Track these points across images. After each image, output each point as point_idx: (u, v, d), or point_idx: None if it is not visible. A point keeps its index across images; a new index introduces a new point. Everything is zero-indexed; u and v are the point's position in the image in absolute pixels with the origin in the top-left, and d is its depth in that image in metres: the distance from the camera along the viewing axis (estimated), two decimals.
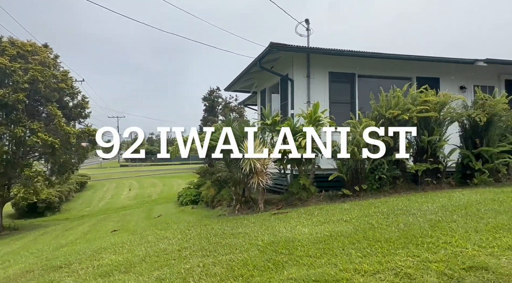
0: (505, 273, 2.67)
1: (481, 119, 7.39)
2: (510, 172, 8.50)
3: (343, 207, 6.23)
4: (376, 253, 3.38)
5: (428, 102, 7.56)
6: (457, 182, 8.15)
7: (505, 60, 9.92)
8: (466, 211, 4.79)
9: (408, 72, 10.01)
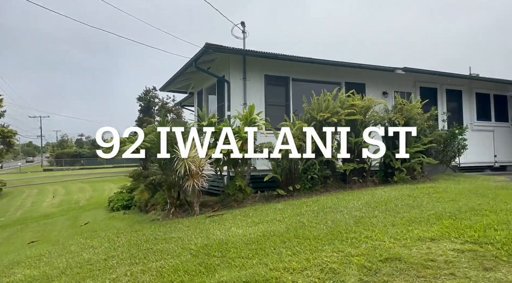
0: (414, 262, 2.95)
1: (399, 122, 8.13)
2: (424, 170, 9.49)
3: (277, 207, 6.39)
4: (305, 250, 3.52)
5: (355, 106, 8.11)
6: (380, 180, 8.85)
7: (419, 69, 11.04)
8: (386, 207, 5.22)
9: (338, 78, 10.63)
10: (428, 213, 4.48)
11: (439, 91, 12.33)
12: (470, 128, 12.75)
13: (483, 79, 12.82)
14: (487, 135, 13.22)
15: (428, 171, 10.40)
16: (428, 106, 11.34)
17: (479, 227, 3.66)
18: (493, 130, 13.34)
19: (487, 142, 13.18)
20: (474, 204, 4.80)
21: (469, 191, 6.04)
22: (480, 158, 12.88)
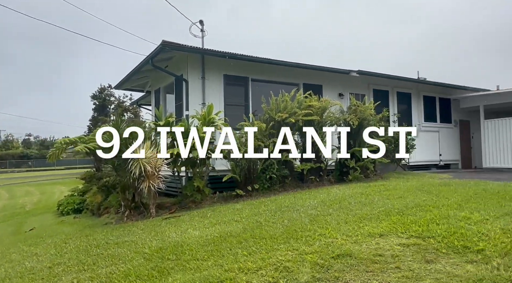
0: (364, 257, 3.07)
1: (354, 122, 8.45)
2: (377, 169, 9.95)
3: (235, 207, 6.38)
4: (261, 250, 3.53)
5: (312, 107, 8.31)
6: (336, 179, 9.14)
7: (372, 72, 11.57)
8: (340, 204, 5.40)
9: (296, 79, 10.84)
10: (378, 210, 4.69)
11: (390, 94, 13.00)
12: (418, 129, 13.58)
13: (429, 83, 13.69)
14: (433, 135, 14.15)
15: (380, 169, 10.92)
16: (380, 108, 11.91)
17: (423, 222, 3.89)
18: (438, 130, 14.31)
19: (433, 142, 14.11)
20: (420, 201, 5.10)
21: (416, 188, 6.41)
22: (427, 157, 13.76)
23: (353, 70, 10.95)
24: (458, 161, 15.02)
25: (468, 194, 5.44)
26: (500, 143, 12.83)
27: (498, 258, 2.83)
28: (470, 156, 15.52)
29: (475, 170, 13.80)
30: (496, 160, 12.94)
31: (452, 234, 3.45)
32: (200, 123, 7.66)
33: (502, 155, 12.78)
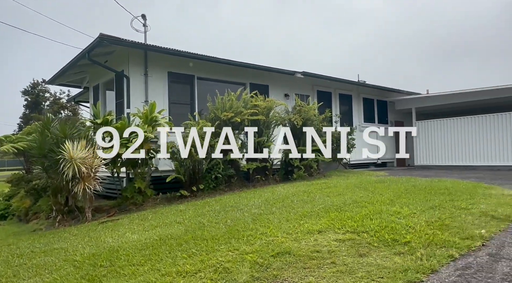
0: (302, 254, 3.13)
1: (298, 122, 8.67)
2: (320, 168, 10.32)
3: (179, 208, 6.20)
4: (201, 252, 3.45)
5: (258, 106, 8.38)
6: (281, 178, 9.32)
7: (316, 74, 11.98)
8: (283, 203, 5.49)
9: (243, 78, 10.86)
10: (318, 207, 4.85)
11: (333, 95, 13.58)
12: (358, 129, 14.34)
13: (368, 85, 14.54)
14: (371, 135, 15.03)
15: (324, 168, 11.35)
16: (323, 108, 12.39)
17: (359, 218, 4.09)
18: (376, 131, 15.23)
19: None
20: (357, 197, 5.36)
21: (355, 185, 6.74)
22: (365, 156, 14.59)
23: (298, 71, 11.25)
24: (394, 159, 16.13)
25: (400, 190, 5.84)
26: (429, 143, 14.03)
27: (422, 249, 3.05)
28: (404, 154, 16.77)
29: (408, 167, 14.93)
30: (426, 158, 14.12)
31: (384, 228, 3.66)
32: (141, 121, 7.34)
33: (431, 153, 13.98)
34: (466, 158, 12.90)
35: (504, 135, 11.97)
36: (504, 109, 12.52)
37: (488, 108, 14.26)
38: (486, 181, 7.29)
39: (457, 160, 13.15)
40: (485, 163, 12.34)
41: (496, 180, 7.72)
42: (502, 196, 5.11)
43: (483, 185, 6.32)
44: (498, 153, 12.09)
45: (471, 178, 8.17)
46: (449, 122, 13.47)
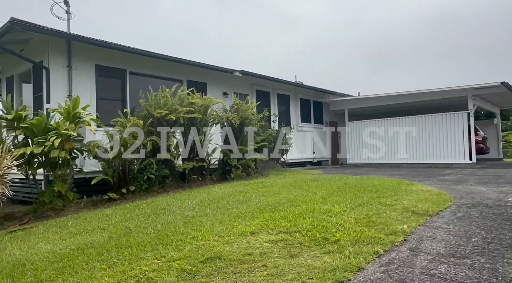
0: (233, 258, 3.00)
1: (236, 121, 8.58)
2: (258, 167, 10.35)
3: (105, 212, 5.72)
4: (123, 261, 3.16)
5: (194, 104, 8.11)
6: (219, 177, 9.15)
7: (254, 73, 12.01)
8: (218, 204, 5.33)
9: (180, 75, 10.47)
10: (253, 207, 4.77)
11: (272, 95, 13.76)
12: (295, 129, 14.74)
13: (304, 86, 14.99)
14: (308, 135, 15.55)
15: (262, 167, 11.42)
16: (262, 108, 12.50)
17: (292, 217, 4.08)
18: (312, 130, 15.80)
19: (308, 141, 15.52)
20: (292, 196, 5.40)
21: (290, 184, 6.83)
22: (303, 155, 15.05)
23: (236, 69, 11.17)
24: (328, 158, 16.88)
25: (332, 188, 6.02)
26: (360, 142, 14.91)
27: (350, 246, 3.11)
28: (337, 153, 17.63)
29: (341, 166, 15.72)
30: (357, 157, 14.98)
31: (315, 227, 3.69)
32: (62, 118, 6.65)
33: (361, 152, 14.86)
34: (392, 157, 13.94)
35: (422, 136, 13.15)
36: (424, 111, 13.77)
37: (412, 110, 15.60)
38: (408, 178, 7.88)
39: (384, 158, 14.15)
40: (408, 161, 13.44)
41: (417, 177, 8.39)
42: (421, 192, 5.52)
43: (406, 182, 6.80)
44: (418, 153, 13.24)
45: (395, 176, 8.79)
46: (377, 123, 14.44)
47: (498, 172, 9.06)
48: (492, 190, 5.69)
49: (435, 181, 7.15)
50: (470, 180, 7.20)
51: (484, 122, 17.46)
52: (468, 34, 66.75)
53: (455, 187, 6.21)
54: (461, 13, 65.70)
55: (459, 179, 7.55)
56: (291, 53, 73.98)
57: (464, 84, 12.20)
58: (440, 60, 66.52)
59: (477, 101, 12.79)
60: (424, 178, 8.03)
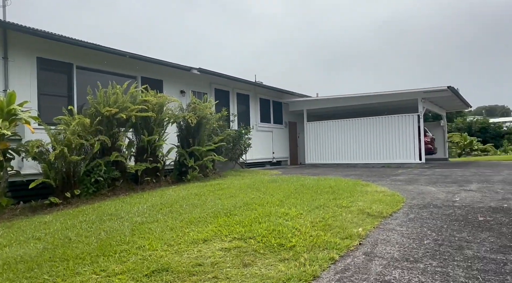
0: (182, 270, 2.77)
1: (192, 121, 8.27)
2: (216, 167, 10.10)
3: (43, 220, 5.20)
4: (56, 278, 2.80)
5: (148, 102, 7.69)
6: (175, 179, 8.78)
7: (212, 71, 11.73)
8: (171, 208, 5.03)
9: (134, 71, 9.94)
10: (208, 212, 4.55)
11: (231, 94, 13.55)
12: (255, 129, 14.65)
13: (264, 86, 14.95)
14: (267, 135, 15.53)
15: (220, 168, 11.18)
16: (221, 107, 12.25)
17: (247, 222, 3.92)
18: (272, 131, 15.80)
19: (267, 141, 15.49)
20: (248, 199, 5.24)
21: (248, 186, 6.67)
22: (262, 155, 15.00)
23: (194, 67, 10.83)
24: (288, 158, 17.00)
25: (290, 190, 5.95)
26: (318, 143, 15.15)
27: (306, 253, 3.00)
28: (297, 153, 17.82)
29: (300, 165, 15.89)
30: (315, 157, 15.20)
31: (271, 232, 3.55)
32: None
33: (319, 152, 15.10)
34: (348, 157, 14.30)
35: (376, 137, 13.62)
36: (379, 113, 14.29)
37: (368, 112, 16.13)
38: (363, 179, 8.05)
39: (341, 158, 14.48)
40: (363, 161, 13.86)
41: (371, 177, 8.61)
42: (375, 192, 5.60)
43: (361, 182, 6.91)
44: (372, 153, 13.69)
45: (351, 176, 8.96)
46: (334, 124, 14.75)
47: (444, 172, 9.56)
48: (440, 190, 5.92)
49: (389, 182, 7.35)
50: (421, 180, 7.49)
51: (432, 124, 18.51)
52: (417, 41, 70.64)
53: (407, 187, 6.40)
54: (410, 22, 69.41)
55: (410, 179, 7.83)
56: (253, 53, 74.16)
57: (415, 88, 12.79)
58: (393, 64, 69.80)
59: (426, 104, 13.48)
60: (378, 178, 8.25)
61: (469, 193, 5.57)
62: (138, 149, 8.00)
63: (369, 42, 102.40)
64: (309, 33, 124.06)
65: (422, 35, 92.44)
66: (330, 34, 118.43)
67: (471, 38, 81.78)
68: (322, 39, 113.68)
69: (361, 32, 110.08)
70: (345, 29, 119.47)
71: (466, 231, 3.50)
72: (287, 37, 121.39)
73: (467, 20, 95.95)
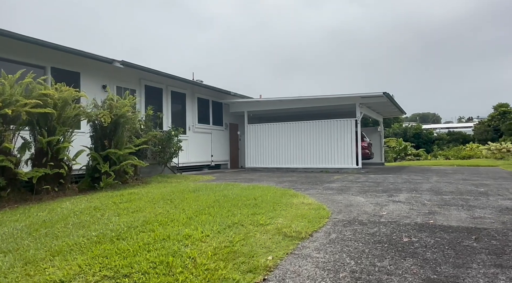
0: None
1: (106, 120, 7.20)
2: (139, 172, 9.06)
3: None
4: None
5: (48, 96, 6.50)
6: (87, 186, 7.63)
7: (139, 66, 10.62)
8: (51, 229, 4.05)
9: (42, 60, 8.56)
10: (91, 234, 3.65)
11: (164, 92, 12.49)
12: (191, 130, 13.73)
13: (202, 85, 14.09)
14: (206, 137, 14.68)
15: (146, 172, 10.14)
16: (154, 106, 11.23)
17: (134, 250, 3.11)
18: (211, 132, 14.97)
19: (206, 144, 14.63)
20: (152, 215, 4.42)
21: (163, 196, 5.83)
22: (200, 158, 14.11)
23: (117, 59, 9.67)
24: (228, 161, 16.27)
25: (208, 202, 5.22)
26: (258, 146, 14.62)
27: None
28: (238, 156, 17.17)
29: (240, 170, 15.24)
30: (255, 161, 14.66)
31: (158, 265, 2.79)
32: None
33: (259, 156, 14.58)
34: (289, 161, 13.96)
35: (315, 141, 13.43)
36: (319, 117, 14.09)
37: (309, 115, 15.97)
38: (295, 186, 7.58)
39: (281, 163, 14.09)
40: (302, 165, 13.59)
41: (305, 184, 8.19)
42: (301, 205, 5.08)
43: (290, 192, 6.39)
44: (311, 157, 13.48)
45: (285, 182, 8.48)
46: (274, 127, 14.34)
47: (378, 178, 9.47)
48: (369, 201, 5.57)
49: (320, 190, 6.93)
50: (352, 189, 7.18)
51: (370, 129, 18.99)
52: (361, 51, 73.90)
53: (336, 197, 5.99)
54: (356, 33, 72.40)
55: (342, 187, 7.51)
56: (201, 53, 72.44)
57: (353, 93, 12.78)
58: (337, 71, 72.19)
59: (364, 109, 13.58)
60: (311, 185, 7.84)
61: (397, 205, 5.26)
62: (37, 152, 6.77)
63: (316, 48, 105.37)
64: (258, 35, 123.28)
65: (365, 45, 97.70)
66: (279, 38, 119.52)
67: (410, 50, 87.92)
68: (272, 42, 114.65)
69: (309, 39, 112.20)
70: (294, 33, 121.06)
71: (388, 258, 3.02)
72: (237, 38, 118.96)
73: (408, 34, 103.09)
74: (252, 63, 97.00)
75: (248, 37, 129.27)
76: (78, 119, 7.27)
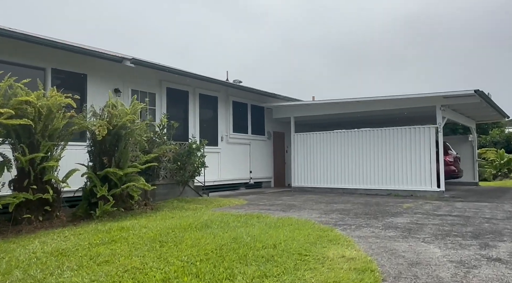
0: None
1: (101, 132, 6.66)
2: (149, 196, 8.48)
3: None
4: None
5: (30, 104, 6.11)
6: (82, 214, 7.16)
7: (158, 65, 10.13)
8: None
9: (41, 61, 8.39)
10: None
11: (191, 95, 11.94)
12: (225, 141, 13.07)
13: (240, 87, 13.37)
14: (243, 148, 13.89)
15: (163, 194, 9.57)
16: (178, 112, 10.75)
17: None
18: (249, 143, 14.17)
19: (243, 157, 13.84)
20: (120, 271, 3.60)
21: (156, 236, 5.04)
22: (235, 175, 13.35)
23: (127, 57, 9.25)
24: (271, 178, 15.33)
25: (208, 249, 4.31)
26: (308, 160, 13.45)
27: None
28: (284, 172, 16.13)
29: (285, 189, 14.18)
30: (304, 179, 13.52)
31: None
32: None
33: (309, 173, 13.40)
34: (346, 180, 12.62)
35: (382, 155, 11.93)
36: (386, 123, 12.53)
37: (373, 122, 14.47)
38: (344, 221, 6.39)
39: (336, 182, 12.80)
40: (363, 186, 12.17)
41: (360, 216, 6.95)
42: (340, 260, 3.93)
43: (332, 233, 5.23)
44: (376, 176, 12.00)
45: (333, 213, 7.31)
46: (327, 136, 13.11)
47: (467, 209, 7.87)
48: (448, 257, 4.23)
49: (377, 230, 5.67)
50: (426, 228, 5.80)
51: (457, 138, 16.86)
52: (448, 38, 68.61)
53: (398, 246, 4.72)
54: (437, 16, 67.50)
55: (412, 224, 6.14)
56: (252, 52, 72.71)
57: (432, 92, 11.13)
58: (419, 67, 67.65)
59: (448, 113, 11.83)
60: (366, 220, 6.58)
61: (494, 267, 3.87)
62: (19, 173, 6.42)
63: (388, 40, 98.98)
64: (317, 31, 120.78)
65: (454, 33, 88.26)
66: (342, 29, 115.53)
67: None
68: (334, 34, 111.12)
69: (378, 29, 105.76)
70: (361, 23, 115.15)
71: None
72: (293, 35, 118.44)
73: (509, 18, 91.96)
74: (311, 61, 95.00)
75: (305, 34, 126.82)
76: (70, 131, 6.84)
